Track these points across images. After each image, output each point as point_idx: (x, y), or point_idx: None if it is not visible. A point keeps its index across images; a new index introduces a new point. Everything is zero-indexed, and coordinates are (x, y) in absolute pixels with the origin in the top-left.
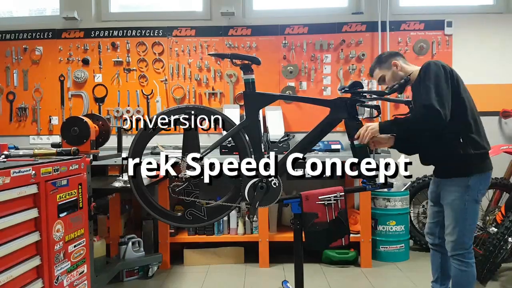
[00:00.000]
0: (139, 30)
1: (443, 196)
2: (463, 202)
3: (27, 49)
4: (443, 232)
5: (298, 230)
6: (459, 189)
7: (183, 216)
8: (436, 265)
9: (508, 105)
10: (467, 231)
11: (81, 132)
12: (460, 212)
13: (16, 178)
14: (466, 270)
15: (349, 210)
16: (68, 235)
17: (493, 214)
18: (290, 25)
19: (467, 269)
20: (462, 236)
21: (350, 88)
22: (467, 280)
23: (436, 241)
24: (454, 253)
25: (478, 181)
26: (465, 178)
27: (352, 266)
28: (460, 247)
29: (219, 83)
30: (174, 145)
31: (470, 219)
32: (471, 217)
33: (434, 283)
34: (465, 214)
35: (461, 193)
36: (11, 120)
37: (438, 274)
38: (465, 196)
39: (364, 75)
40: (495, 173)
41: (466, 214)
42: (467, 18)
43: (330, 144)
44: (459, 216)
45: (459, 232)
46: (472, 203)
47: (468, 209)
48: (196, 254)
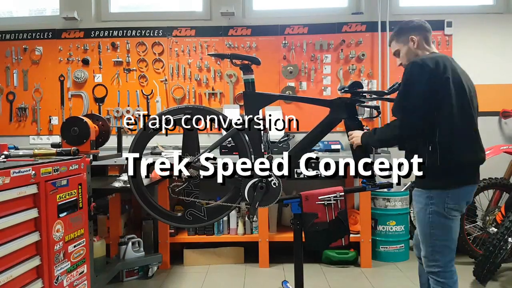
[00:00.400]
0: (139, 30)
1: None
2: (426, 214)
3: (27, 49)
4: None
5: (298, 230)
6: (422, 200)
7: (183, 216)
8: (424, 279)
9: (508, 105)
10: (438, 247)
11: (81, 132)
12: (425, 225)
13: (16, 178)
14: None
15: (349, 210)
16: (68, 235)
17: (493, 214)
18: (290, 25)
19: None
20: (433, 252)
21: (350, 88)
22: None
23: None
24: (428, 270)
25: (443, 196)
26: (427, 190)
27: (352, 266)
28: (433, 264)
29: (219, 83)
30: (174, 145)
31: (438, 234)
32: (439, 232)
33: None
34: (430, 228)
35: (423, 204)
36: (11, 120)
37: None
38: (428, 208)
39: (364, 75)
40: (495, 173)
41: (431, 228)
42: (467, 18)
43: (330, 144)
44: (424, 229)
45: (428, 247)
46: (437, 216)
47: (433, 223)
48: (196, 254)
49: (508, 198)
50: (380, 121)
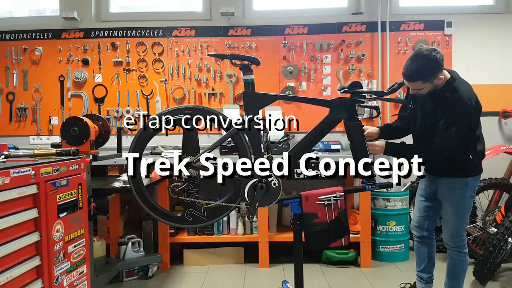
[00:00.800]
0: (139, 30)
1: (442, 193)
2: (463, 198)
3: (27, 49)
4: (431, 226)
5: (298, 230)
6: (461, 187)
7: (183, 216)
8: (423, 256)
9: (508, 105)
10: (465, 224)
11: (81, 132)
12: (461, 207)
13: (16, 178)
14: (463, 259)
15: (349, 210)
16: (68, 235)
17: (493, 214)
18: (290, 25)
19: (464, 258)
20: (461, 229)
21: (350, 88)
22: (463, 268)
23: (424, 233)
24: (454, 245)
25: (474, 180)
26: (466, 178)
27: (352, 266)
28: (459, 239)
29: (219, 83)
30: (174, 145)
31: (467, 213)
32: (468, 211)
33: (420, 272)
34: (464, 209)
35: (462, 190)
36: (11, 120)
37: (425, 263)
38: (465, 193)
39: (364, 75)
40: (495, 173)
41: (465, 209)
42: (467, 18)
43: (330, 144)
44: (459, 211)
45: (459, 225)
46: (470, 199)
47: (466, 205)
48: (196, 254)
49: (508, 198)
50: (380, 121)
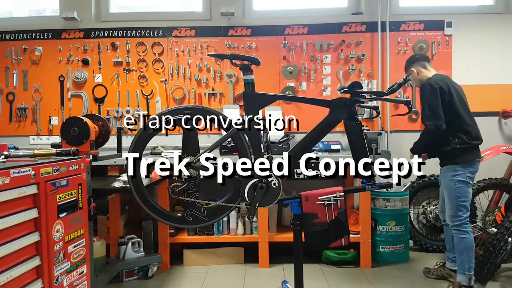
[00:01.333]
0: (139, 31)
1: (441, 180)
2: (454, 182)
3: (27, 49)
4: None
5: (298, 230)
6: (450, 174)
7: (183, 216)
8: (449, 237)
9: (508, 105)
10: (460, 206)
11: (81, 132)
12: (453, 190)
13: (16, 178)
14: (464, 237)
15: (349, 210)
16: (68, 235)
17: (493, 214)
18: (290, 25)
19: (465, 236)
20: (456, 210)
21: (350, 89)
22: (465, 246)
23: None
24: (452, 224)
25: (464, 167)
26: (453, 165)
27: (352, 266)
28: (456, 219)
29: (219, 83)
30: (174, 145)
31: (462, 196)
32: (461, 194)
33: (448, 253)
34: (456, 192)
35: (452, 176)
36: (11, 121)
37: (451, 245)
38: (455, 178)
39: (364, 76)
40: (495, 173)
41: (457, 192)
42: (467, 18)
43: (330, 145)
44: (452, 194)
45: (454, 207)
46: (461, 183)
47: (459, 188)
48: (196, 254)
49: (508, 199)
50: (380, 121)
